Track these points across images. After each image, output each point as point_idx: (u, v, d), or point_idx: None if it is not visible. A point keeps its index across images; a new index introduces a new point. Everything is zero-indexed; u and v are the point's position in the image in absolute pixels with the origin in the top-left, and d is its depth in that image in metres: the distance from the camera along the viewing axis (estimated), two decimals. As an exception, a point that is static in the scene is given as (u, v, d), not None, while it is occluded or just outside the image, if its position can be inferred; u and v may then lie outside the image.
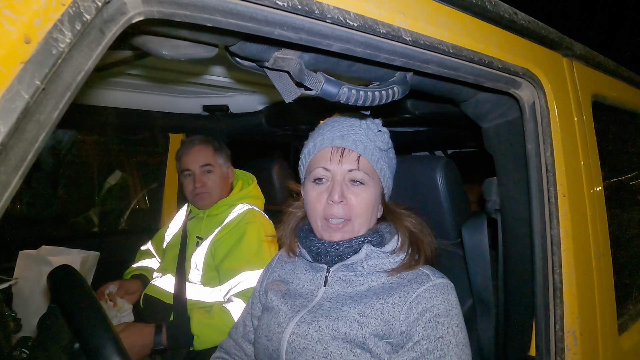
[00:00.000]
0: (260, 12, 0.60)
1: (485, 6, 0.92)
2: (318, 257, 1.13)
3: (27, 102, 0.42)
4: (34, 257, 1.87)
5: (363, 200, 1.09)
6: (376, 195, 1.12)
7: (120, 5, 0.49)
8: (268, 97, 2.15)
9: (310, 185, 1.14)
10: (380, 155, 1.12)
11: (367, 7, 0.71)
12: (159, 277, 2.05)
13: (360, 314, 1.03)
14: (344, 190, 1.09)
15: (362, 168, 1.09)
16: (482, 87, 1.01)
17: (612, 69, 1.52)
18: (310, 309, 1.08)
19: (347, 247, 1.09)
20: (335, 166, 1.09)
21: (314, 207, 1.11)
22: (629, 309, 1.50)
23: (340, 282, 1.11)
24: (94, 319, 0.94)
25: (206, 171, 2.01)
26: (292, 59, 0.79)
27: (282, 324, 1.09)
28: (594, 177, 1.23)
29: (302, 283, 1.17)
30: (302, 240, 1.17)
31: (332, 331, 1.02)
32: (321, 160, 1.11)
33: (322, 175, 1.11)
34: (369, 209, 1.11)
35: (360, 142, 1.09)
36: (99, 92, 1.94)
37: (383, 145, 1.11)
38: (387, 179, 1.15)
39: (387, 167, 1.14)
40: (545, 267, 1.06)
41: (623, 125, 1.74)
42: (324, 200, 1.09)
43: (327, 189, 1.10)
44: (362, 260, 1.09)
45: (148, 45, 0.69)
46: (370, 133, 1.11)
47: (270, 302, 1.18)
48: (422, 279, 1.06)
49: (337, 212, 1.08)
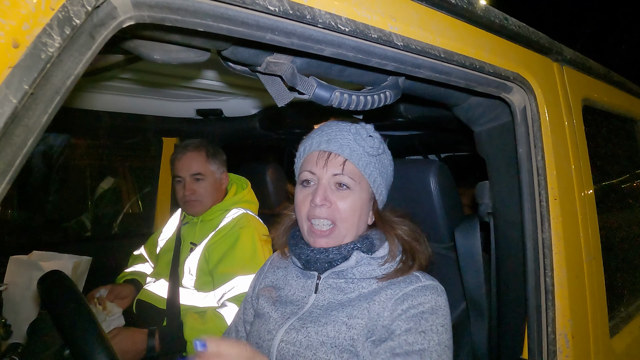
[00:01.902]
0: (252, 17, 0.60)
1: (476, 12, 0.93)
2: (308, 265, 1.12)
3: (15, 107, 0.41)
4: (24, 262, 1.85)
5: (348, 204, 1.08)
6: (363, 200, 1.11)
7: (110, 9, 0.49)
8: (262, 101, 2.15)
9: (298, 188, 1.15)
10: (370, 161, 1.10)
11: (359, 12, 0.72)
12: (152, 282, 2.04)
13: (349, 316, 1.02)
14: (328, 193, 1.08)
15: (347, 173, 1.08)
16: (474, 91, 1.01)
17: (602, 74, 1.54)
18: (300, 316, 1.08)
19: (337, 254, 1.08)
20: (321, 170, 1.09)
21: (300, 209, 1.12)
22: (621, 312, 1.51)
23: (330, 290, 1.11)
24: (85, 325, 0.94)
25: (196, 179, 1.99)
26: (285, 63, 0.79)
27: (272, 331, 1.09)
28: (584, 180, 1.24)
29: (293, 290, 1.17)
30: (292, 248, 1.17)
31: (321, 336, 1.01)
32: (308, 164, 1.12)
33: (308, 179, 1.12)
34: (355, 214, 1.10)
35: (347, 146, 1.08)
36: (92, 95, 1.93)
37: (372, 151, 1.10)
38: (378, 185, 1.13)
39: (378, 173, 1.12)
40: (537, 270, 1.06)
41: (613, 129, 1.76)
42: (308, 203, 1.10)
43: (312, 192, 1.10)
44: (353, 267, 1.09)
45: (140, 50, 0.69)
46: (359, 138, 1.10)
47: (261, 309, 1.18)
48: (412, 279, 1.06)
49: (320, 213, 1.08)
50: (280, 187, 2.41)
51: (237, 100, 2.16)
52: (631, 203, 1.94)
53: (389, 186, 1.19)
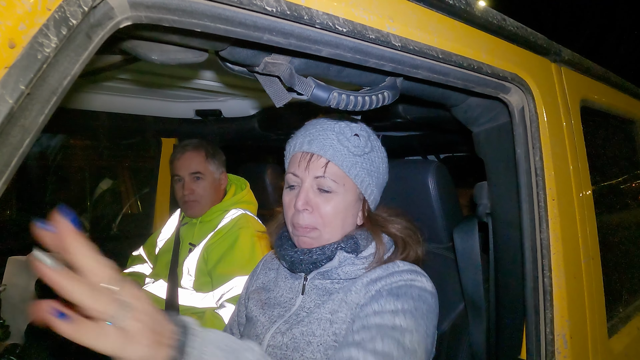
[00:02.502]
0: (249, 18, 0.60)
1: (474, 12, 0.93)
2: (293, 266, 1.10)
3: (12, 107, 0.41)
4: (23, 263, 1.84)
5: (331, 208, 1.05)
6: (348, 202, 1.07)
7: (107, 10, 0.49)
8: (261, 102, 2.15)
9: (285, 190, 1.13)
10: (355, 161, 1.05)
11: (356, 13, 0.72)
12: (151, 282, 2.04)
13: (331, 312, 1.01)
14: (310, 197, 1.05)
15: (329, 175, 1.04)
16: (472, 92, 1.01)
17: (601, 75, 1.54)
18: (287, 319, 1.06)
19: (320, 255, 1.05)
20: (303, 172, 1.06)
21: (286, 212, 1.10)
22: (619, 312, 1.51)
23: (316, 290, 1.09)
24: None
25: (195, 178, 1.99)
26: (283, 64, 0.79)
27: (260, 336, 1.07)
28: (582, 181, 1.24)
29: (282, 291, 1.15)
30: (278, 249, 1.15)
31: (307, 337, 1.00)
32: (292, 166, 1.10)
33: (292, 182, 1.10)
34: (339, 217, 1.06)
35: (330, 147, 1.04)
36: (90, 96, 1.93)
37: (358, 151, 1.05)
38: (367, 185, 1.08)
39: (366, 173, 1.07)
40: (535, 271, 1.07)
41: (611, 129, 1.76)
42: (293, 207, 1.07)
43: (296, 195, 1.07)
44: (337, 268, 1.06)
45: (137, 50, 0.69)
46: (343, 138, 1.05)
47: (250, 313, 1.16)
48: (389, 266, 1.05)
49: (303, 221, 1.05)
50: (279, 187, 2.40)
51: (236, 101, 2.16)
52: (629, 203, 1.94)
53: (382, 184, 1.16)
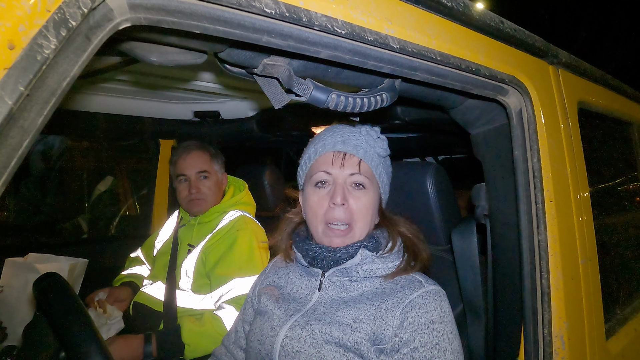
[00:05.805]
0: (248, 20, 0.60)
1: (472, 14, 0.94)
2: (314, 262, 1.13)
3: (11, 108, 0.41)
4: (20, 264, 1.84)
5: (363, 204, 1.11)
6: (375, 200, 1.14)
7: (106, 11, 0.49)
8: (259, 103, 2.15)
9: (311, 189, 1.14)
10: (379, 162, 1.14)
11: (355, 15, 0.72)
12: (149, 284, 2.03)
13: (354, 319, 1.03)
14: (346, 193, 1.10)
15: (363, 172, 1.11)
16: (470, 94, 1.02)
17: (598, 77, 1.54)
18: (304, 313, 1.08)
19: (344, 252, 1.09)
20: (337, 170, 1.11)
21: (316, 211, 1.12)
22: (616, 314, 1.51)
23: (334, 287, 1.11)
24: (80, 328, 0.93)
25: (202, 177, 2.00)
26: (281, 65, 0.79)
27: (276, 328, 1.09)
28: (580, 182, 1.25)
29: (297, 288, 1.17)
30: (298, 244, 1.17)
31: (325, 335, 1.02)
32: (322, 165, 1.13)
33: (324, 179, 1.12)
34: (369, 214, 1.12)
35: (360, 147, 1.12)
36: (89, 97, 1.93)
37: (382, 152, 1.14)
38: (384, 185, 1.17)
39: (385, 173, 1.17)
40: (533, 272, 1.07)
41: (608, 131, 1.77)
42: (326, 204, 1.10)
43: (328, 193, 1.11)
44: (357, 265, 1.10)
45: (136, 52, 0.69)
46: (370, 139, 1.14)
47: (264, 307, 1.18)
48: (415, 285, 1.06)
49: (339, 216, 1.09)
50: (277, 189, 2.41)
51: (235, 103, 2.17)
52: (626, 205, 1.95)
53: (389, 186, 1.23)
